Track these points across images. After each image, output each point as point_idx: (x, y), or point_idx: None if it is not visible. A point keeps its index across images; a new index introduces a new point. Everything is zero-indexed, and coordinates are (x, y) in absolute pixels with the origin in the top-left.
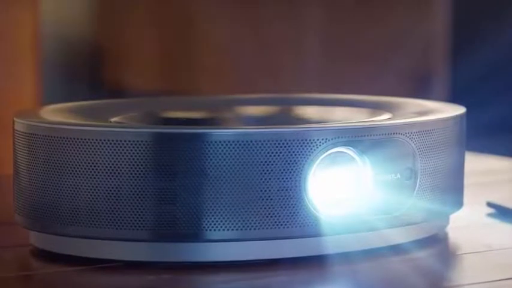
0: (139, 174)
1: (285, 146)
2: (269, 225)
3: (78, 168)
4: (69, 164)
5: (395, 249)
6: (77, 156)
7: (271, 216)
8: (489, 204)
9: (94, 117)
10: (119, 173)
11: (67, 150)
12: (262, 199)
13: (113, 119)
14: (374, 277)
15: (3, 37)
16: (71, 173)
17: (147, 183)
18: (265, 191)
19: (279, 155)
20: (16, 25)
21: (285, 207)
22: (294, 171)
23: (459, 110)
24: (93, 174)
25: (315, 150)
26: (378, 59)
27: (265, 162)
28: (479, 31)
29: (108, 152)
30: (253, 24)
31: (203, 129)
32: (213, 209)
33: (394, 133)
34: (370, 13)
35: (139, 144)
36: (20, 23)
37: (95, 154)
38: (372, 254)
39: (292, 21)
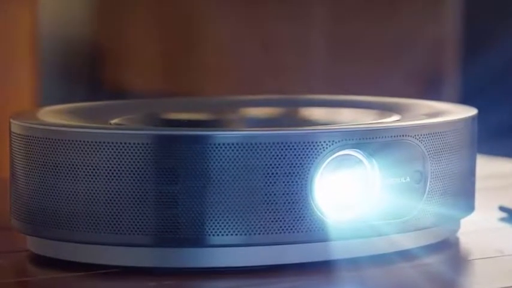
0: (140, 177)
1: (291, 149)
2: (274, 230)
3: (77, 171)
4: (67, 167)
5: (405, 255)
6: (76, 159)
7: (276, 221)
8: (501, 209)
9: (93, 119)
10: (119, 177)
11: (65, 153)
12: (267, 203)
13: (113, 121)
14: (382, 283)
15: (1, 36)
16: (69, 177)
17: (148, 187)
18: (270, 194)
19: (284, 158)
20: (14, 24)
21: (291, 211)
22: (300, 175)
23: (470, 111)
24: (92, 178)
25: (321, 153)
26: (386, 60)
27: (270, 165)
28: (490, 32)
29: (108, 155)
30: (257, 23)
31: (206, 131)
32: (216, 214)
33: (403, 135)
34: (378, 12)
35: (140, 147)
36: (17, 21)
37: (94, 157)
38: (380, 259)
39: (298, 21)
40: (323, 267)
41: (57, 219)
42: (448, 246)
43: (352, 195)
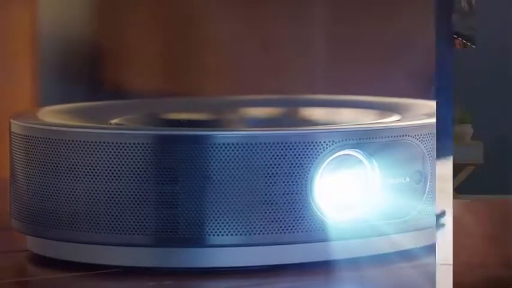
0: (140, 177)
1: (291, 149)
2: (274, 230)
3: (77, 171)
4: (67, 167)
5: (405, 255)
6: (76, 159)
7: (276, 221)
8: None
9: (93, 119)
10: (119, 177)
11: (65, 153)
12: (267, 203)
13: (113, 121)
14: (382, 284)
15: (0, 36)
16: (69, 177)
17: (148, 187)
18: (270, 194)
19: (284, 158)
20: (13, 24)
21: (291, 211)
22: (300, 175)
23: None
24: (92, 178)
25: (321, 153)
26: (386, 60)
27: (270, 165)
28: None
29: (108, 155)
30: (257, 23)
31: (206, 131)
32: (216, 214)
33: (403, 135)
34: (378, 12)
35: (140, 147)
36: (17, 21)
37: (94, 157)
38: (380, 259)
39: (298, 21)
40: (323, 267)
41: (57, 219)
42: None
43: (352, 195)
